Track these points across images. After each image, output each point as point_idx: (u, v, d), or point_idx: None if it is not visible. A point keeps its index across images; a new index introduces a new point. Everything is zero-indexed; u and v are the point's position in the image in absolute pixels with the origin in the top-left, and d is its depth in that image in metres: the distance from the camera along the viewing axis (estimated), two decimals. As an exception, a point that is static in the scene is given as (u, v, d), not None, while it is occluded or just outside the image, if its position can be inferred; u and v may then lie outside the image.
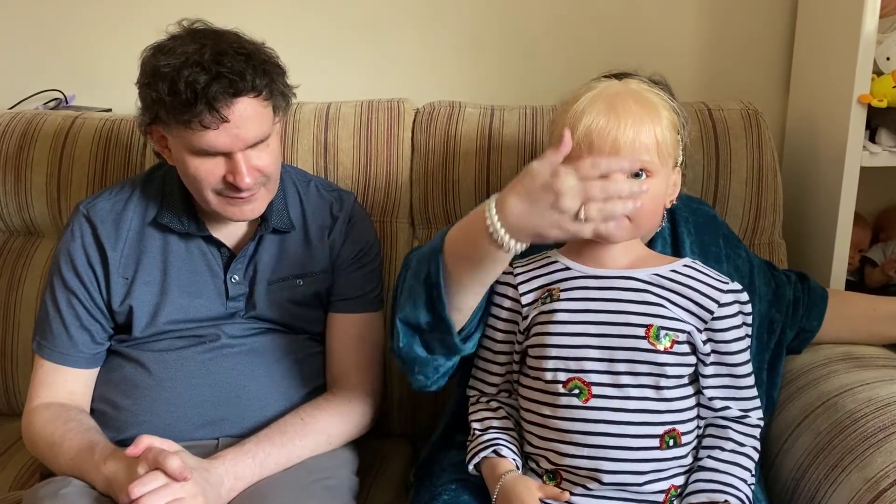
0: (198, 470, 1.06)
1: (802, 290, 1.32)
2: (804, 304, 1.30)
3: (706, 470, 1.01)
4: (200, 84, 1.08)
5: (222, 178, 1.16)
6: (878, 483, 0.99)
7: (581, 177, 0.90)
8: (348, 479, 1.20)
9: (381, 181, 1.54)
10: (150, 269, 1.25)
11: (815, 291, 1.32)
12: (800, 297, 1.31)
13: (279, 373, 1.24)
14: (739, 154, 1.48)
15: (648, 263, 1.06)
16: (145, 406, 1.20)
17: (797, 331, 1.30)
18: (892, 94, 1.48)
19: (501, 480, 1.02)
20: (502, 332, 1.09)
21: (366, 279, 1.33)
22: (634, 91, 1.02)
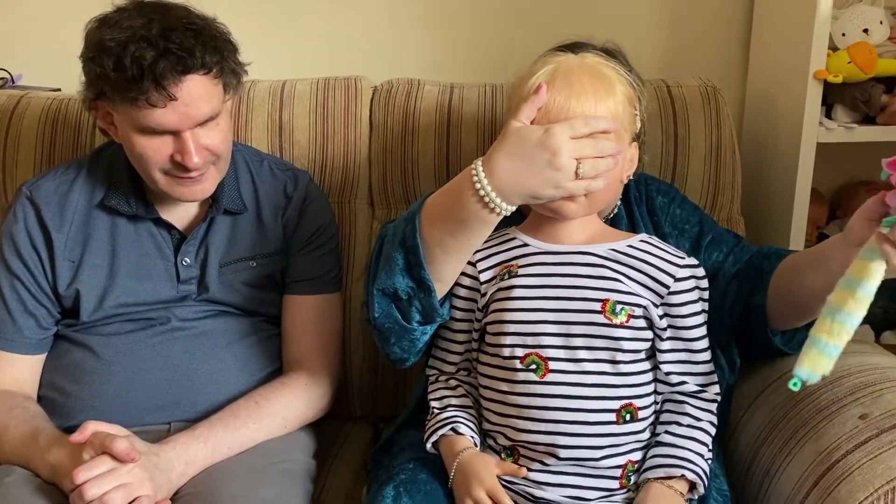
0: (147, 455, 1.03)
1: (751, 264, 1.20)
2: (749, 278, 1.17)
3: (663, 445, 1.01)
4: (147, 60, 1.05)
5: (170, 157, 1.12)
6: (830, 454, 1.00)
7: (573, 135, 0.92)
8: (304, 462, 1.19)
9: (338, 160, 1.51)
10: (97, 253, 1.21)
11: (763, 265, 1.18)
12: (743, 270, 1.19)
13: (232, 356, 1.22)
14: (698, 131, 1.47)
15: (605, 239, 1.06)
16: (94, 391, 1.17)
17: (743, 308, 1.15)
18: (847, 70, 1.49)
19: (459, 458, 1.01)
20: (461, 310, 1.09)
21: (322, 260, 1.31)
22: (590, 66, 1.01)
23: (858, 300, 0.85)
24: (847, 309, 0.85)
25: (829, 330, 0.86)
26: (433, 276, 1.01)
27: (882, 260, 0.85)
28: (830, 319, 0.86)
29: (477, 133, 1.48)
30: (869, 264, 0.85)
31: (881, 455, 0.96)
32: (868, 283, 0.85)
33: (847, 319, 0.85)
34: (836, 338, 0.85)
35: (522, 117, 0.96)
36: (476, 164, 0.95)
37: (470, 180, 0.95)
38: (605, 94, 0.98)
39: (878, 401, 1.03)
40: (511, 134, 0.95)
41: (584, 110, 0.96)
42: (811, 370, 0.87)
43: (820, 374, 0.87)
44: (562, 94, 0.97)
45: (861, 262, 0.86)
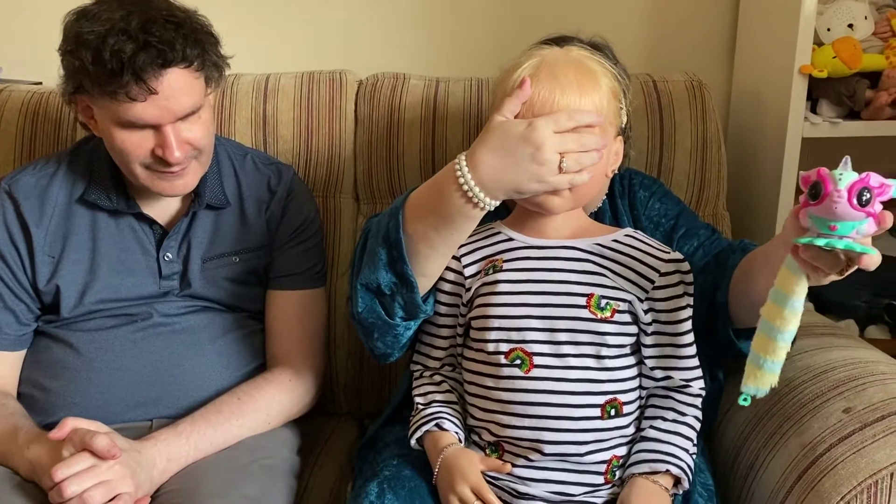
0: (128, 452, 1.02)
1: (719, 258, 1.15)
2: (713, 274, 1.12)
3: (648, 440, 1.01)
4: (127, 54, 1.03)
5: (151, 151, 1.11)
6: (814, 448, 1.00)
7: (557, 129, 0.92)
8: (288, 458, 1.18)
9: (323, 155, 1.50)
10: (77, 248, 1.20)
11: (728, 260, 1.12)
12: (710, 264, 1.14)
13: (215, 352, 1.21)
14: (684, 126, 1.48)
15: (590, 233, 1.05)
16: (74, 388, 1.15)
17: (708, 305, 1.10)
18: (832, 65, 1.50)
19: (443, 454, 1.01)
20: (446, 305, 1.08)
21: (306, 255, 1.30)
22: (575, 59, 1.00)
23: (786, 317, 0.84)
24: (778, 325, 0.85)
25: (765, 347, 0.86)
26: (417, 270, 1.00)
27: (804, 274, 0.84)
28: (766, 336, 0.86)
29: (462, 127, 1.48)
30: (793, 276, 0.85)
31: (865, 449, 0.96)
32: (794, 299, 0.84)
33: (780, 336, 0.85)
34: (773, 354, 0.85)
35: (506, 112, 0.95)
36: (459, 159, 0.95)
37: (453, 175, 0.94)
38: (590, 87, 0.97)
39: (861, 395, 1.03)
40: (494, 128, 0.94)
41: (569, 104, 0.95)
42: (757, 386, 0.87)
43: (767, 388, 0.87)
44: (546, 87, 0.96)
45: (786, 273, 0.85)
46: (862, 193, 0.78)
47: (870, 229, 0.80)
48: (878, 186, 0.79)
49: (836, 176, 0.79)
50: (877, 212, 0.79)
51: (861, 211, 0.78)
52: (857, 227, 0.79)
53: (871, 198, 0.78)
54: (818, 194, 0.80)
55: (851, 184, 0.78)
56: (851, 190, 0.78)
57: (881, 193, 0.79)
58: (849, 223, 0.80)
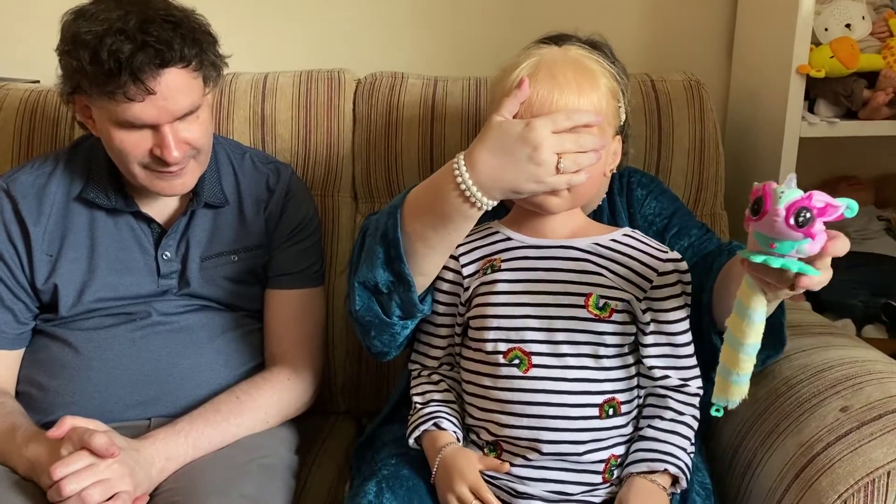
0: (126, 450, 1.02)
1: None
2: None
3: (646, 439, 1.01)
4: (124, 54, 1.03)
5: (149, 151, 1.11)
6: (811, 447, 1.00)
7: (555, 129, 0.92)
8: (286, 457, 1.18)
9: (321, 154, 1.50)
10: (76, 246, 1.20)
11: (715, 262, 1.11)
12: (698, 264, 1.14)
13: (213, 351, 1.21)
14: (682, 125, 1.48)
15: (589, 233, 1.05)
16: (73, 387, 1.15)
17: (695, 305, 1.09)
18: (830, 65, 1.50)
19: (441, 453, 1.01)
20: (444, 304, 1.08)
21: (305, 254, 1.30)
22: (573, 58, 1.00)
23: (744, 330, 0.84)
24: (739, 337, 0.85)
25: (730, 359, 0.86)
26: (415, 269, 1.01)
27: (759, 288, 0.84)
28: (730, 347, 0.86)
29: (461, 126, 1.48)
30: (748, 289, 0.85)
31: (862, 447, 0.96)
32: (752, 312, 0.84)
33: (741, 348, 0.85)
34: (739, 367, 0.85)
35: (504, 111, 0.95)
36: (458, 159, 0.95)
37: (451, 174, 0.94)
38: (589, 87, 0.97)
39: (858, 393, 1.03)
40: (493, 128, 0.94)
41: (567, 104, 0.96)
42: (726, 397, 0.87)
43: (737, 399, 0.87)
44: (545, 87, 0.96)
45: (744, 285, 0.85)
46: (800, 213, 0.77)
47: (811, 249, 0.79)
48: (820, 207, 0.77)
49: (777, 193, 0.78)
50: (816, 232, 0.77)
51: (799, 231, 0.77)
52: (796, 246, 0.79)
53: (812, 218, 0.77)
54: (759, 210, 0.80)
55: (791, 203, 0.77)
56: (790, 209, 0.77)
57: (823, 213, 0.78)
58: (788, 242, 0.79)
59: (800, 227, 0.77)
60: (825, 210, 0.78)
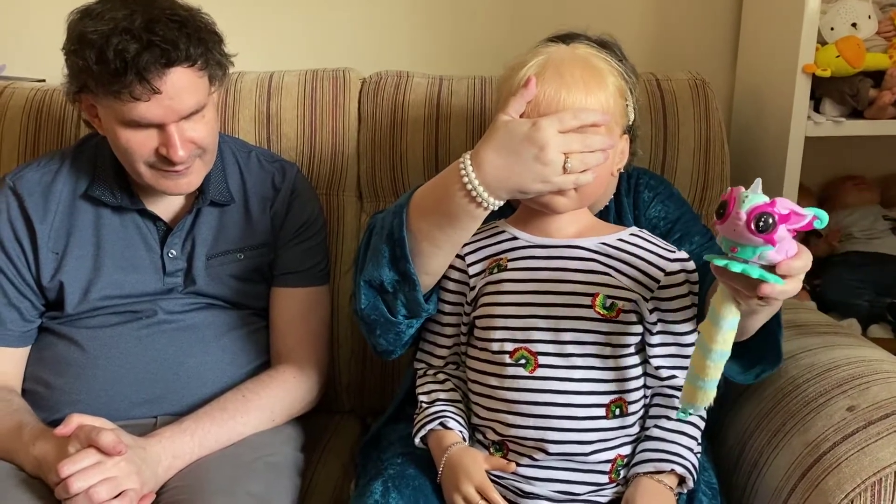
0: (133, 448, 1.02)
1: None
2: None
3: (652, 439, 1.01)
4: (130, 53, 1.03)
5: (155, 150, 1.11)
6: (818, 446, 1.00)
7: (561, 129, 0.91)
8: (292, 455, 1.18)
9: (326, 153, 1.50)
10: (81, 244, 1.20)
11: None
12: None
13: (219, 349, 1.21)
14: (687, 125, 1.47)
15: (596, 232, 1.05)
16: (79, 385, 1.16)
17: None
18: (835, 64, 1.50)
19: (447, 453, 1.01)
20: (450, 303, 1.08)
21: (310, 253, 1.30)
22: (581, 57, 1.00)
23: (713, 336, 0.84)
24: (707, 343, 0.85)
25: (699, 365, 0.86)
26: (421, 268, 1.00)
27: (731, 295, 0.83)
28: (699, 354, 0.86)
29: (465, 126, 1.47)
30: (720, 296, 0.85)
31: (868, 447, 0.96)
32: (722, 319, 0.84)
33: (708, 354, 0.85)
34: (705, 373, 0.85)
35: (511, 111, 0.95)
36: (464, 158, 0.95)
37: (458, 174, 0.94)
38: (596, 86, 0.97)
39: (865, 393, 1.03)
40: (499, 128, 0.94)
41: (575, 102, 0.95)
42: (692, 403, 0.88)
43: (702, 405, 0.87)
44: (552, 86, 0.96)
45: (718, 292, 0.85)
46: (761, 219, 0.76)
47: (774, 257, 0.79)
48: (783, 214, 0.77)
49: (741, 197, 0.78)
50: (778, 239, 0.77)
51: (759, 236, 0.77)
52: (758, 252, 0.79)
53: (773, 224, 0.76)
54: (723, 214, 0.80)
55: (753, 207, 0.77)
56: (752, 214, 0.77)
57: (785, 220, 0.77)
58: (749, 247, 0.79)
59: (760, 233, 0.77)
60: (788, 217, 0.77)
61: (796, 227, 0.79)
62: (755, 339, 1.02)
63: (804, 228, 0.80)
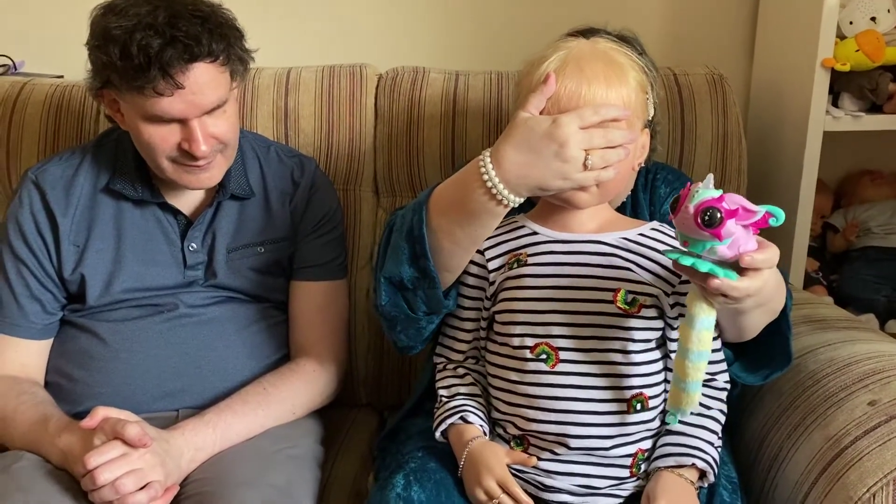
0: (157, 441, 1.03)
1: None
2: None
3: (673, 433, 1.01)
4: (154, 49, 1.04)
5: (177, 145, 1.12)
6: (839, 441, 1.00)
7: (582, 125, 0.91)
8: (312, 448, 1.19)
9: (343, 148, 1.50)
10: (102, 237, 1.21)
11: None
12: None
13: (240, 342, 1.22)
14: (705, 119, 1.47)
15: (616, 227, 1.05)
16: (101, 378, 1.16)
17: None
18: (855, 58, 1.49)
19: (468, 447, 1.01)
20: (469, 298, 1.08)
21: (329, 247, 1.30)
22: (602, 52, 1.00)
23: (689, 336, 0.84)
24: (684, 344, 0.85)
25: (678, 366, 0.86)
26: (440, 265, 1.01)
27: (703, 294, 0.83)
28: (678, 355, 0.86)
29: (483, 121, 1.47)
30: (692, 295, 0.84)
31: (891, 441, 0.96)
32: (695, 319, 0.83)
33: (685, 355, 0.85)
34: (684, 374, 0.85)
35: (531, 107, 0.95)
36: (484, 156, 0.94)
37: (477, 171, 0.94)
38: (617, 81, 0.97)
39: (886, 387, 1.03)
40: (519, 125, 0.94)
41: (595, 97, 0.95)
42: (676, 405, 0.88)
43: (687, 408, 0.87)
44: (573, 81, 0.96)
45: (691, 291, 0.85)
46: (706, 213, 0.76)
47: (724, 252, 0.78)
48: (731, 209, 0.77)
49: (693, 192, 0.79)
50: (726, 234, 0.77)
51: (706, 231, 0.77)
52: (708, 246, 0.78)
53: (721, 219, 0.76)
54: (675, 208, 0.80)
55: (701, 202, 0.77)
56: (699, 209, 0.77)
57: (733, 216, 0.77)
58: (699, 242, 0.79)
59: (707, 227, 0.77)
60: (735, 213, 0.77)
61: (748, 223, 0.79)
62: (763, 340, 1.02)
63: (759, 225, 0.80)
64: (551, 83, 0.95)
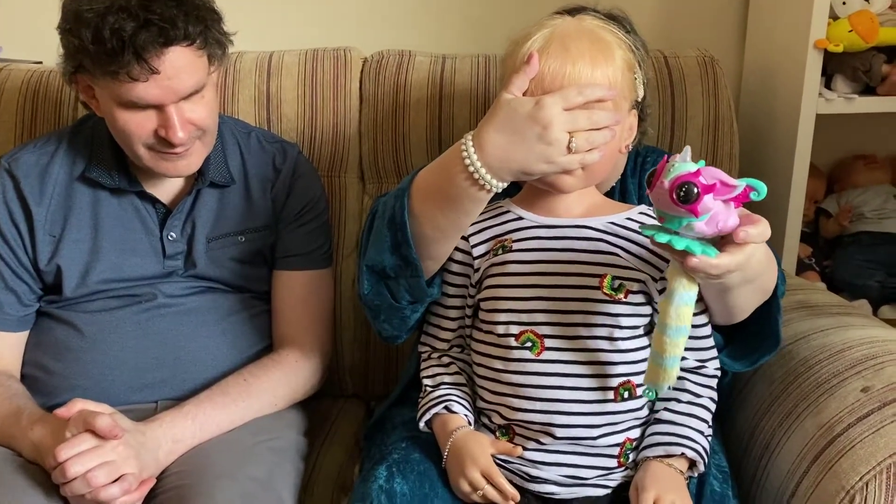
0: (132, 433, 1.01)
1: None
2: None
3: (662, 422, 0.99)
4: (127, 32, 1.00)
5: (154, 132, 1.09)
6: (831, 428, 0.98)
7: (566, 106, 0.88)
8: (295, 439, 1.17)
9: (328, 134, 1.48)
10: (79, 227, 1.18)
11: None
12: None
13: (220, 333, 1.19)
14: (696, 103, 1.45)
15: (603, 212, 1.03)
16: (78, 370, 1.14)
17: None
18: (848, 39, 1.47)
19: (452, 437, 0.99)
20: (454, 285, 1.06)
21: (312, 235, 1.28)
22: (588, 29, 0.97)
23: (668, 311, 0.82)
24: (665, 320, 0.82)
25: (657, 341, 0.84)
26: (423, 253, 0.98)
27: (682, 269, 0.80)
28: (657, 329, 0.84)
29: (470, 106, 1.45)
30: (672, 269, 0.82)
31: (884, 428, 0.94)
32: (675, 293, 0.81)
33: (664, 330, 0.82)
34: (664, 350, 0.83)
35: (514, 89, 0.92)
36: (466, 139, 0.92)
37: (459, 156, 0.91)
38: (603, 59, 0.94)
39: (879, 374, 1.01)
40: (501, 107, 0.91)
41: (580, 77, 0.92)
42: (653, 381, 0.85)
43: (663, 384, 0.85)
44: (557, 60, 0.93)
45: (671, 266, 0.83)
46: (682, 188, 0.73)
47: (703, 228, 0.76)
48: (708, 184, 0.74)
49: (668, 166, 0.75)
50: (703, 210, 0.74)
51: (682, 207, 0.74)
52: (685, 222, 0.75)
53: (697, 195, 0.73)
54: (650, 182, 0.77)
55: (676, 177, 0.74)
56: (674, 184, 0.74)
57: (711, 191, 0.74)
58: (675, 218, 0.76)
59: (682, 203, 0.74)
60: (712, 188, 0.74)
61: (728, 198, 0.76)
62: (753, 324, 1.00)
63: (740, 199, 0.77)
64: (534, 63, 0.92)
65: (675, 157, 0.78)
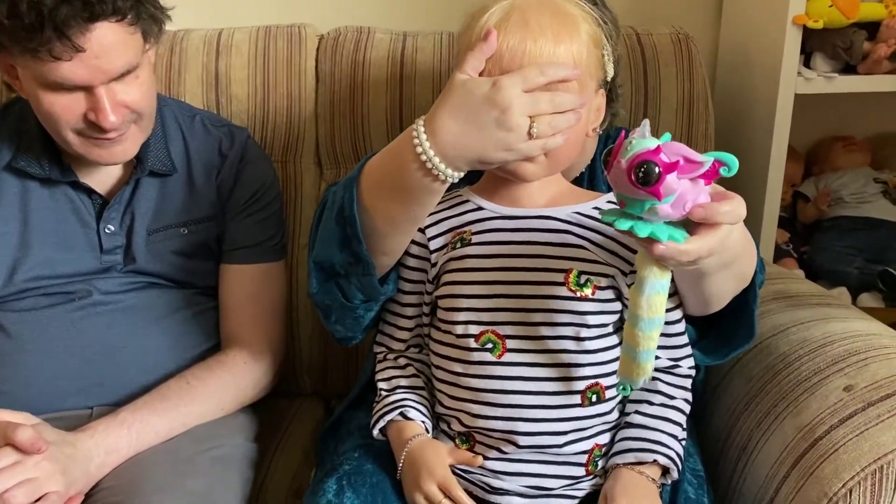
0: (59, 445, 0.94)
1: None
2: None
3: (634, 426, 0.92)
4: (47, 6, 0.92)
5: (83, 115, 1.01)
6: (812, 430, 0.93)
7: (526, 87, 0.80)
8: (243, 446, 1.10)
9: (281, 116, 1.41)
10: (6, 220, 1.10)
11: None
12: None
13: (161, 332, 1.12)
14: (669, 82, 1.39)
15: (569, 201, 0.96)
16: (5, 373, 1.06)
17: None
18: (828, 15, 1.41)
19: (408, 446, 0.92)
20: (410, 281, 0.99)
21: (262, 226, 1.20)
22: (550, 2, 0.89)
23: (638, 302, 0.75)
24: (635, 311, 0.76)
25: (628, 333, 0.77)
26: (376, 248, 0.91)
27: (651, 257, 0.73)
28: (631, 324, 0.77)
29: (432, 86, 1.38)
30: (642, 257, 0.75)
31: (868, 431, 0.88)
32: (644, 281, 0.74)
33: (633, 322, 0.76)
34: (636, 343, 0.76)
35: (468, 68, 0.83)
36: (417, 125, 0.83)
37: (410, 143, 0.83)
38: (567, 35, 0.86)
39: (863, 371, 0.95)
40: (455, 89, 0.83)
41: (542, 55, 0.84)
42: (626, 375, 0.79)
43: (638, 378, 0.78)
44: (516, 36, 0.85)
45: (640, 253, 0.76)
46: (641, 168, 0.66)
47: (668, 212, 0.68)
48: (669, 162, 0.66)
49: (626, 144, 0.68)
50: (667, 191, 0.66)
51: (643, 190, 0.66)
52: (647, 206, 0.68)
53: (659, 175, 0.65)
54: (607, 163, 0.70)
55: (634, 156, 0.66)
56: (632, 163, 0.66)
57: (673, 169, 0.66)
58: (637, 202, 0.69)
59: (643, 186, 0.66)
60: (674, 166, 0.66)
61: (694, 176, 0.68)
62: (729, 315, 0.94)
63: (709, 176, 0.69)
64: (491, 40, 0.84)
65: (634, 131, 0.70)
